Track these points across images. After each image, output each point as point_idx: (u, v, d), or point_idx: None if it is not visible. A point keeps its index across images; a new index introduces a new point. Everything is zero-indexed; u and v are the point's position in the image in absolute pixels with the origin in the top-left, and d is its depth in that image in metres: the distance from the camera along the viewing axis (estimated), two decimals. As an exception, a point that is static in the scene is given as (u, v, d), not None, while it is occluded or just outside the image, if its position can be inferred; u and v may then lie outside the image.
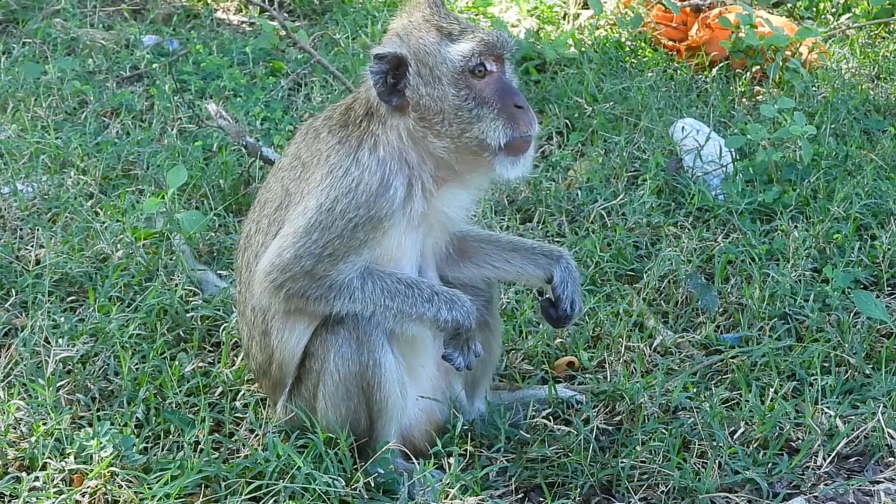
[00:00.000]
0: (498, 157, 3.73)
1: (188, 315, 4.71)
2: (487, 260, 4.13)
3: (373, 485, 3.78)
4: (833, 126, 6.52)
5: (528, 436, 4.12)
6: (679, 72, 7.53)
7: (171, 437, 4.03)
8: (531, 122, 3.76)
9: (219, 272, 5.17)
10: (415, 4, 3.84)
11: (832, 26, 8.46)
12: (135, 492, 3.70)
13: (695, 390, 4.37)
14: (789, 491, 3.93)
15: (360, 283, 3.73)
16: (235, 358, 4.48)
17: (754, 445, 4.11)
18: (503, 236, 4.22)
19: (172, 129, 6.57)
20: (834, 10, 8.83)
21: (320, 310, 3.77)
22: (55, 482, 3.73)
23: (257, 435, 4.05)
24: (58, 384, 4.23)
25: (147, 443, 3.99)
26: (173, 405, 4.19)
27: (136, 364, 4.37)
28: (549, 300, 4.09)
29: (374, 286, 3.73)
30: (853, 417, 4.22)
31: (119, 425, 3.98)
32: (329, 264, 3.69)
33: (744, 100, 7.15)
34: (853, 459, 4.11)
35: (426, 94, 3.71)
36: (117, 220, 5.39)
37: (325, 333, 3.78)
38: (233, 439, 4.05)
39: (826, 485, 3.95)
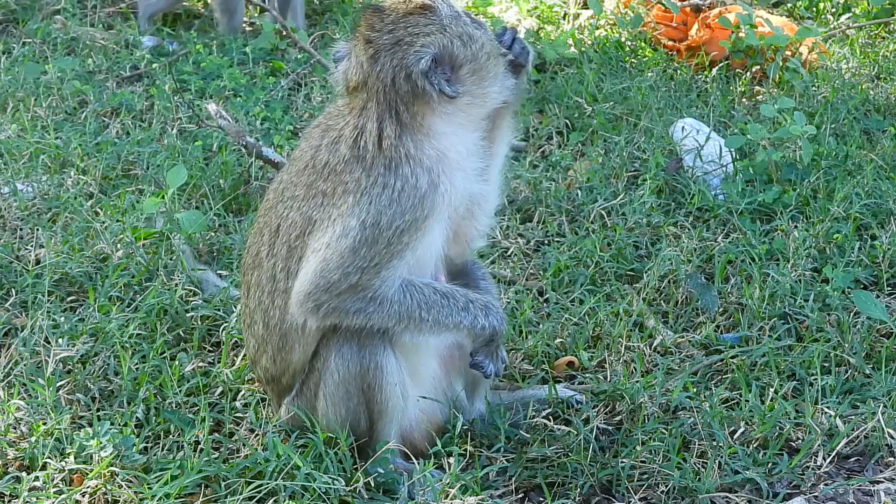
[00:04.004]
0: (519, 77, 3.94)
1: (188, 315, 4.71)
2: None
3: (373, 485, 3.78)
4: (833, 126, 6.52)
5: (528, 436, 4.12)
6: (679, 72, 7.54)
7: (171, 437, 4.03)
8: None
9: (219, 272, 5.17)
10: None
11: (832, 26, 8.47)
12: (135, 492, 3.69)
13: (695, 390, 4.37)
14: (789, 491, 3.93)
15: (399, 296, 3.69)
16: (235, 358, 4.48)
17: (754, 445, 4.11)
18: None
19: (172, 129, 6.57)
20: (834, 10, 8.84)
21: (356, 323, 3.71)
22: (55, 482, 3.73)
23: (257, 435, 4.05)
24: (58, 384, 4.23)
25: (147, 443, 3.99)
26: (173, 405, 4.19)
27: (136, 364, 4.37)
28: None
29: (412, 298, 3.69)
30: (853, 417, 4.22)
31: (119, 425, 3.98)
32: (374, 273, 3.65)
33: (744, 100, 7.15)
34: (853, 459, 4.11)
35: (477, 83, 3.78)
36: (117, 220, 5.39)
37: (329, 333, 3.77)
38: (233, 439, 4.05)
39: (826, 485, 3.95)
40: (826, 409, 4.24)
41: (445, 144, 3.72)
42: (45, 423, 3.93)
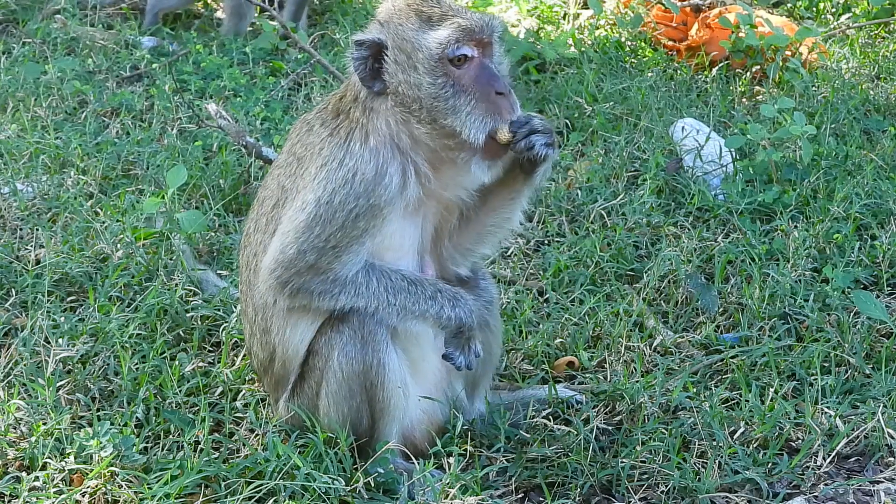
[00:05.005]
0: (475, 158, 3.68)
1: (188, 315, 4.71)
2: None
3: (373, 485, 3.78)
4: (833, 126, 6.52)
5: (528, 436, 4.12)
6: (679, 72, 7.54)
7: (171, 437, 4.03)
8: (513, 108, 3.67)
9: (219, 272, 5.17)
10: None
11: (832, 26, 8.47)
12: (135, 492, 3.69)
13: (695, 390, 4.37)
14: (789, 491, 3.93)
15: (364, 279, 3.71)
16: (235, 358, 4.48)
17: (754, 445, 4.11)
18: None
19: (172, 129, 6.57)
20: (834, 10, 8.84)
21: (325, 305, 3.75)
22: (55, 482, 3.73)
23: (257, 435, 4.05)
24: (58, 384, 4.23)
25: (147, 443, 3.99)
26: (173, 405, 4.19)
27: (136, 364, 4.37)
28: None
29: (379, 283, 3.72)
30: (853, 417, 4.22)
31: (119, 425, 3.97)
32: (333, 256, 3.68)
33: (744, 100, 7.15)
34: (853, 459, 4.11)
35: (403, 81, 3.67)
36: (117, 220, 5.39)
37: (331, 332, 3.77)
38: (233, 439, 4.05)
39: (826, 485, 3.95)
40: (826, 409, 4.24)
41: (400, 137, 3.72)
42: (45, 423, 3.93)
